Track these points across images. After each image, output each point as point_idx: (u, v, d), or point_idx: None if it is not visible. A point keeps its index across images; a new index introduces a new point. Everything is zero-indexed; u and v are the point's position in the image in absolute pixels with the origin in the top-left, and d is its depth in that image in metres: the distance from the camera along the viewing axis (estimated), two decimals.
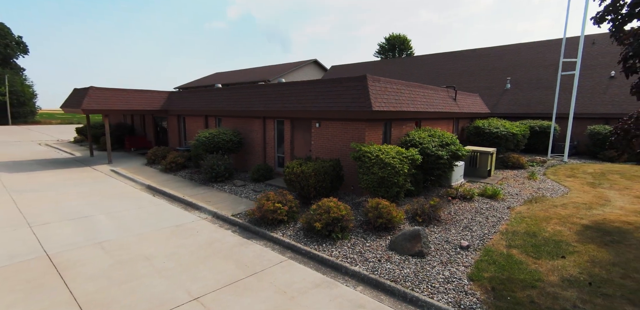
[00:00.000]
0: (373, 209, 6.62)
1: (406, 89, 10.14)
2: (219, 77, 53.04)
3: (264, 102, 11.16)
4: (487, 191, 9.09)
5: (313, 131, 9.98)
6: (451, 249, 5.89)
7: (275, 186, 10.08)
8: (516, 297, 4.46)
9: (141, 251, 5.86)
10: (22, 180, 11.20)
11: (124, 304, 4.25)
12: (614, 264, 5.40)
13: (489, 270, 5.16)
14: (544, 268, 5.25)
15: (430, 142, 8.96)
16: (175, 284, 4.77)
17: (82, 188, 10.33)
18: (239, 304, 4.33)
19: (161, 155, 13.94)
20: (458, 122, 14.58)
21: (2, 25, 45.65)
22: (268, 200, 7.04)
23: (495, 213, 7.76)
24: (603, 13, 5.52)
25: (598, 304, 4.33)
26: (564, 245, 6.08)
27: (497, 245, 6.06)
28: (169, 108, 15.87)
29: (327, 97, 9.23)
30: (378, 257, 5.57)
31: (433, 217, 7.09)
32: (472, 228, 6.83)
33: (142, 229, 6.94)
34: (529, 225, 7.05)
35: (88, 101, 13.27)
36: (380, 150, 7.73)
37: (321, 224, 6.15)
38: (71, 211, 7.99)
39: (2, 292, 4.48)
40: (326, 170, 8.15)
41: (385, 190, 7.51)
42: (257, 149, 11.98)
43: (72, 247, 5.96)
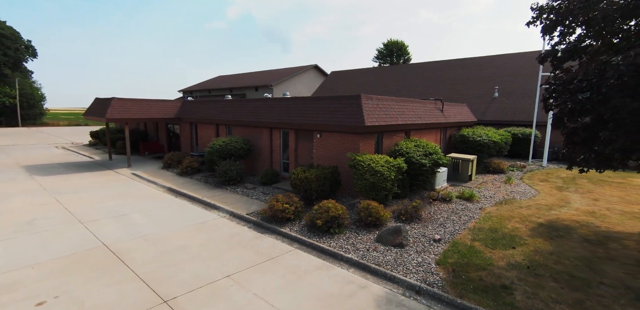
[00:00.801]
0: (364, 209, 8.08)
1: (396, 105, 11.60)
2: (222, 79, 54.48)
3: (271, 114, 12.61)
4: (464, 194, 10.55)
5: (315, 141, 11.44)
6: (426, 241, 7.35)
7: (281, 189, 11.54)
8: (469, 276, 5.92)
9: (177, 243, 7.31)
10: (57, 183, 12.64)
11: (177, 279, 5.70)
12: (552, 253, 6.86)
13: (452, 257, 6.61)
14: (496, 256, 6.71)
15: (415, 152, 10.42)
16: (210, 267, 6.22)
17: (111, 190, 11.78)
18: (260, 280, 5.79)
19: (176, 160, 15.38)
20: (445, 130, 16.03)
21: (12, 30, 47.05)
22: (277, 202, 8.49)
23: (468, 213, 9.23)
24: (545, 55, 6.97)
25: (530, 281, 5.79)
26: (517, 239, 7.54)
27: (464, 239, 7.52)
28: (182, 116, 17.31)
29: (327, 112, 10.69)
30: (367, 247, 7.03)
31: (415, 216, 8.55)
32: (446, 225, 8.29)
33: (173, 225, 8.40)
34: (493, 223, 8.52)
35: (111, 111, 14.71)
36: (372, 159, 9.19)
37: (322, 221, 7.61)
38: (110, 210, 9.44)
39: (82, 271, 5.93)
40: (326, 176, 9.61)
41: (376, 193, 8.97)
42: (264, 155, 13.44)
43: (121, 239, 7.41)
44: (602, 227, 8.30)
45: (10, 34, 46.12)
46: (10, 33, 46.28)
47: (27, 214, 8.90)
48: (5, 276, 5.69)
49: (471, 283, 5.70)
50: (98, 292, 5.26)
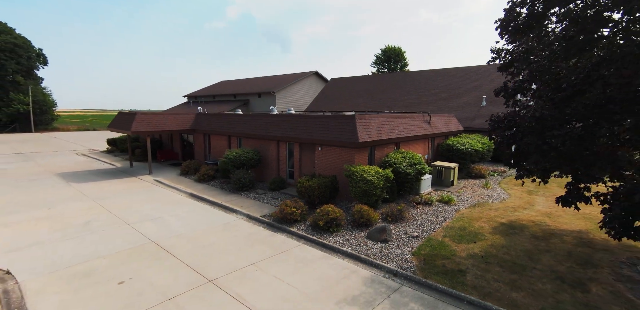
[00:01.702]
0: (357, 212, 9.95)
1: (386, 121, 13.48)
2: (226, 85, 56.39)
3: (279, 129, 14.49)
4: (444, 198, 12.42)
5: (316, 153, 13.31)
6: (406, 237, 9.22)
7: (288, 194, 13.41)
8: (435, 263, 7.78)
9: (208, 240, 9.19)
10: (92, 189, 14.54)
11: (214, 266, 7.58)
12: (504, 246, 8.72)
13: (425, 250, 8.48)
14: (459, 249, 8.58)
15: (402, 163, 12.28)
16: (237, 257, 8.09)
17: (141, 196, 13.67)
18: (276, 266, 7.65)
19: (193, 168, 17.27)
20: (433, 140, 17.89)
21: (24, 39, 49.03)
22: (286, 206, 10.36)
23: (444, 214, 11.10)
24: (498, 90, 8.83)
25: (481, 267, 7.65)
26: (480, 235, 9.40)
27: (437, 236, 9.38)
28: (196, 127, 19.19)
29: (327, 129, 12.57)
30: (358, 242, 8.90)
31: (399, 217, 10.41)
32: (424, 225, 10.16)
33: (201, 226, 10.27)
34: (464, 222, 10.38)
35: (136, 125, 16.61)
36: (364, 170, 11.05)
37: (323, 222, 9.49)
38: (146, 214, 11.33)
39: (142, 260, 7.81)
40: (326, 184, 11.49)
41: (367, 198, 10.84)
42: (272, 164, 15.32)
43: (163, 237, 9.29)
44: (552, 226, 10.16)
45: (22, 43, 48.11)
46: (22, 42, 48.27)
47: (81, 216, 10.80)
48: (86, 264, 7.57)
49: (436, 268, 7.56)
50: (159, 275, 7.14)
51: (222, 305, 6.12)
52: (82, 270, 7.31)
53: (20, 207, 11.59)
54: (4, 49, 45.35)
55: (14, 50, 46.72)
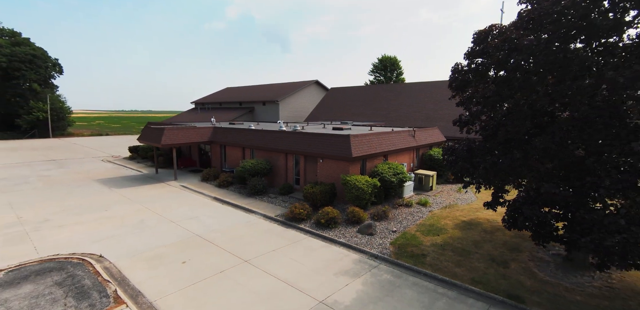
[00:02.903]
0: (350, 213, 12.90)
1: (375, 138, 16.43)
2: (231, 92, 59.38)
3: (286, 143, 17.45)
4: (421, 201, 15.37)
5: (318, 164, 16.26)
6: (387, 232, 12.16)
7: (295, 198, 16.36)
8: (406, 250, 10.73)
9: (237, 233, 12.14)
10: (133, 193, 17.49)
11: (246, 251, 10.53)
12: (459, 238, 11.67)
13: (400, 241, 11.42)
14: (426, 240, 11.52)
15: (387, 172, 15.23)
16: (260, 245, 11.04)
17: (174, 199, 16.61)
18: (291, 252, 10.60)
19: (213, 175, 20.24)
20: (418, 150, 20.83)
21: (42, 50, 52.06)
22: (295, 208, 13.31)
23: (419, 214, 14.05)
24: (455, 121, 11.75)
25: (438, 252, 10.59)
26: (444, 230, 12.35)
27: (410, 230, 12.33)
28: (214, 139, 22.15)
29: (327, 145, 15.52)
30: (351, 235, 11.85)
31: (383, 216, 13.36)
32: (403, 222, 13.11)
33: (229, 223, 13.22)
34: (433, 220, 13.33)
35: (164, 139, 19.57)
36: (356, 179, 13.99)
37: (324, 220, 12.44)
38: (183, 214, 14.28)
39: (193, 248, 10.76)
40: (326, 190, 14.44)
41: (359, 202, 13.79)
42: (281, 172, 18.27)
43: (203, 232, 12.24)
44: (500, 223, 13.08)
45: (40, 54, 51.12)
46: (40, 53, 51.29)
47: (135, 216, 13.77)
48: (154, 251, 10.53)
49: (406, 253, 10.52)
50: (209, 257, 10.10)
51: (257, 276, 9.07)
52: (153, 255, 10.28)
53: (84, 209, 14.56)
54: (24, 60, 48.38)
55: (32, 61, 49.74)
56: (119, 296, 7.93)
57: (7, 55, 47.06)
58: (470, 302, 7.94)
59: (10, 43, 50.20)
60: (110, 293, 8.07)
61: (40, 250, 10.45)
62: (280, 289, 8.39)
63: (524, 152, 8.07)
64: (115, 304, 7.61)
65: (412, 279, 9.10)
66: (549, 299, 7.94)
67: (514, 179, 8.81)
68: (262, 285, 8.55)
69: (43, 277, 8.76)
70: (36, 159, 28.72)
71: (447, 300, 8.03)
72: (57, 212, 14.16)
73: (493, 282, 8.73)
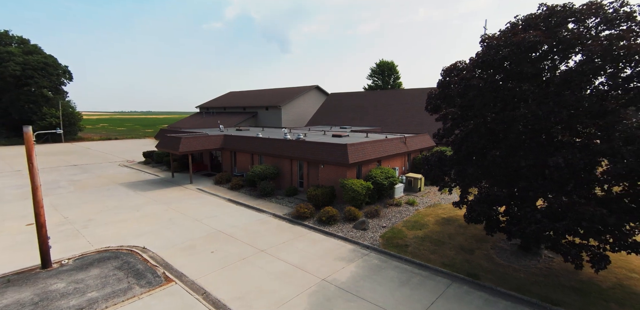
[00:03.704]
0: (347, 211, 15.26)
1: (370, 146, 18.78)
2: (234, 96, 61.70)
3: (291, 150, 19.79)
4: (410, 201, 17.72)
5: (320, 169, 18.61)
6: (378, 227, 14.51)
7: (299, 199, 18.70)
8: (393, 241, 13.08)
9: (252, 229, 14.49)
10: (156, 196, 19.84)
11: (261, 243, 12.89)
12: (438, 232, 14.02)
13: (388, 234, 13.77)
14: (410, 233, 13.88)
15: (379, 176, 17.57)
16: (272, 238, 13.39)
17: (193, 201, 18.96)
18: (298, 243, 12.95)
19: (225, 178, 22.59)
20: (410, 155, 23.18)
21: (53, 58, 54.41)
22: (301, 208, 15.66)
23: (406, 212, 16.40)
24: (434, 134, 14.07)
25: (419, 243, 12.95)
26: (426, 225, 14.70)
27: (398, 226, 14.68)
28: (224, 146, 24.50)
29: (327, 153, 17.86)
30: (347, 230, 14.20)
31: (375, 214, 15.70)
32: (392, 219, 15.46)
33: (244, 221, 15.56)
34: (418, 217, 15.68)
35: (182, 147, 21.93)
36: (352, 183, 16.33)
37: (325, 218, 14.79)
38: (204, 213, 16.62)
39: (217, 241, 13.12)
40: (327, 193, 16.79)
41: (354, 202, 16.13)
42: (287, 176, 20.61)
43: (224, 228, 14.59)
44: None
45: (52, 62, 53.48)
46: (52, 61, 53.65)
47: (164, 215, 16.12)
48: (187, 243, 12.89)
49: (392, 244, 12.87)
50: (232, 248, 12.45)
51: (272, 261, 11.42)
52: (186, 246, 12.64)
53: (121, 210, 16.92)
54: (36, 68, 50.73)
55: (45, 69, 52.10)
56: (167, 276, 10.30)
57: (20, 63, 49.41)
58: (438, 279, 10.31)
59: (22, 51, 52.57)
60: (160, 274, 10.43)
61: (93, 244, 12.82)
62: (290, 271, 10.75)
63: (481, 163, 10.41)
64: (166, 282, 9.97)
65: (395, 263, 11.46)
66: (499, 276, 10.30)
67: (475, 183, 11.15)
68: (277, 268, 10.91)
69: (104, 263, 11.13)
70: (59, 165, 31.09)
71: (421, 278, 10.39)
72: (98, 212, 16.53)
73: (458, 265, 11.09)
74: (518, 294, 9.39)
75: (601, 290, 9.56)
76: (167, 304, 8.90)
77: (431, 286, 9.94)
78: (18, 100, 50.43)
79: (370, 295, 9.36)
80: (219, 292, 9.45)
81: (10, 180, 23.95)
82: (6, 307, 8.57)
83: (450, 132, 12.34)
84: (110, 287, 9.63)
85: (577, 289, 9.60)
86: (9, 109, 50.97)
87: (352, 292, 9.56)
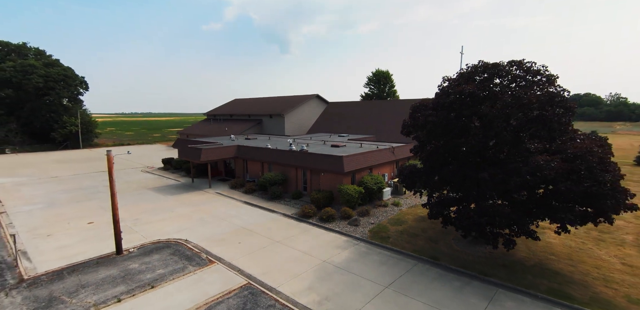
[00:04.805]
0: (343, 211, 19.02)
1: (362, 157, 22.53)
2: (239, 104, 65.48)
3: (296, 160, 23.54)
4: (395, 202, 21.47)
5: (320, 176, 22.35)
6: (367, 223, 18.25)
7: (304, 201, 22.44)
8: (378, 234, 16.82)
9: (267, 226, 18.23)
10: (183, 199, 23.59)
11: (276, 236, 16.63)
12: (414, 227, 17.77)
13: (375, 229, 17.51)
14: (392, 228, 17.63)
15: (370, 182, 21.30)
16: (284, 232, 17.13)
17: (215, 203, 22.71)
18: (303, 236, 16.69)
19: (239, 184, 26.35)
20: (398, 162, 26.91)
21: (71, 70, 58.27)
22: (305, 208, 19.41)
23: (392, 212, 20.14)
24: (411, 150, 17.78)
25: (398, 235, 16.70)
26: (405, 222, 18.44)
27: (383, 222, 18.42)
28: (238, 155, 28.26)
29: (326, 163, 21.61)
30: (343, 226, 17.95)
31: (366, 213, 19.44)
32: (379, 217, 19.20)
33: (260, 220, 19.31)
34: (400, 216, 19.42)
35: (203, 157, 25.69)
36: (347, 188, 20.06)
37: (325, 217, 18.55)
38: (227, 213, 20.37)
39: (242, 235, 16.87)
40: (327, 196, 20.55)
41: (349, 204, 19.88)
42: (292, 181, 24.36)
43: (245, 225, 18.34)
44: None
45: (70, 74, 57.36)
46: (70, 73, 57.53)
47: (195, 215, 19.88)
48: (218, 236, 16.65)
49: (378, 236, 16.61)
50: (254, 240, 16.20)
51: (286, 249, 15.16)
52: (218, 239, 16.38)
53: (158, 211, 20.69)
54: (58, 79, 54.61)
55: (64, 80, 55.99)
56: (210, 259, 14.05)
57: (43, 76, 53.27)
58: (408, 260, 14.05)
59: (43, 64, 56.42)
60: (204, 258, 14.18)
61: (146, 237, 16.58)
62: (300, 255, 14.49)
63: (440, 174, 14.15)
64: (209, 263, 13.72)
65: (378, 250, 15.20)
66: (453, 258, 14.04)
67: (437, 189, 14.88)
68: (290, 253, 14.66)
69: (161, 250, 14.89)
70: (88, 171, 34.89)
71: (396, 260, 14.14)
72: (141, 213, 20.31)
73: (425, 251, 14.83)
74: (463, 270, 13.14)
75: (524, 267, 13.30)
76: (214, 277, 12.65)
77: (403, 265, 13.69)
78: (39, 110, 54.24)
79: (358, 271, 13.11)
80: (250, 270, 13.20)
81: (54, 186, 27.75)
82: (103, 279, 12.34)
83: (420, 149, 16.07)
84: (171, 266, 13.39)
85: (507, 266, 13.34)
86: (31, 117, 54.79)
87: (345, 269, 13.30)
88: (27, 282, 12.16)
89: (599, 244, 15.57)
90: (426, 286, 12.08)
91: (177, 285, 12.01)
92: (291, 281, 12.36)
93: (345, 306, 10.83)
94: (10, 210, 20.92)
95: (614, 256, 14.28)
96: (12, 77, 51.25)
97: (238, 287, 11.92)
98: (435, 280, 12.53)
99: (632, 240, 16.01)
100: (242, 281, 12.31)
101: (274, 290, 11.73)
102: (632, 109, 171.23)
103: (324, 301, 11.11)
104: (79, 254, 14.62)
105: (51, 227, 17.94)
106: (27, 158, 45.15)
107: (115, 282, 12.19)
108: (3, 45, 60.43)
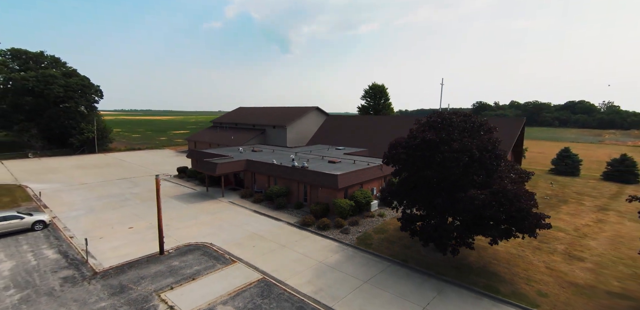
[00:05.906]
0: (337, 221, 23.29)
1: (354, 174, 26.82)
2: (244, 112, 69.72)
3: (299, 175, 27.82)
4: (381, 213, 25.76)
5: (319, 190, 26.61)
6: (356, 232, 22.53)
7: (304, 211, 26.68)
8: (364, 241, 21.10)
9: (274, 232, 22.48)
10: (201, 207, 27.79)
11: (283, 241, 20.89)
12: (394, 235, 22.04)
13: (362, 237, 21.78)
14: (376, 236, 21.90)
15: (359, 196, 25.57)
16: (289, 238, 21.38)
17: (229, 211, 26.94)
18: (304, 242, 20.95)
19: (249, 194, 30.60)
20: (386, 178, 31.19)
21: (88, 80, 62.36)
22: (306, 218, 23.67)
23: (377, 222, 24.40)
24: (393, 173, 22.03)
25: (380, 242, 21.00)
26: (387, 231, 22.73)
27: (369, 231, 22.70)
28: (247, 168, 32.51)
29: (323, 180, 25.88)
30: (336, 234, 22.21)
31: (356, 223, 23.70)
32: (366, 227, 23.48)
33: (269, 226, 23.55)
34: (383, 225, 23.70)
35: (218, 170, 29.93)
36: (340, 201, 24.32)
37: (322, 226, 22.83)
38: (241, 221, 24.61)
39: (255, 240, 21.12)
40: (324, 208, 24.83)
41: (341, 215, 24.15)
42: (295, 194, 28.62)
43: (256, 231, 22.58)
44: None
45: (87, 84, 61.47)
46: (87, 83, 61.63)
47: (214, 222, 24.10)
48: (235, 241, 20.89)
49: (364, 243, 20.88)
50: (265, 243, 20.45)
51: (290, 252, 19.41)
52: (236, 243, 20.61)
53: (183, 218, 24.92)
54: (77, 89, 58.73)
55: (82, 90, 60.09)
56: (232, 259, 18.28)
57: (63, 86, 57.38)
58: (384, 262, 18.33)
59: (61, 74, 60.49)
60: (228, 258, 18.42)
61: (179, 240, 20.79)
62: (302, 257, 18.75)
63: (412, 196, 18.42)
64: (232, 262, 17.95)
65: (362, 254, 19.47)
66: (419, 261, 18.31)
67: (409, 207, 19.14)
68: (294, 255, 18.91)
69: (193, 252, 19.12)
70: (109, 178, 39.05)
71: (374, 262, 18.41)
72: (170, 220, 24.51)
73: (398, 255, 19.10)
74: (425, 270, 17.44)
75: (471, 269, 17.60)
76: (237, 273, 16.89)
77: (379, 266, 17.96)
78: (58, 117, 58.32)
79: (345, 270, 17.37)
80: (263, 267, 17.45)
81: (87, 193, 31.94)
82: (155, 273, 16.57)
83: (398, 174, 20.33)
84: (203, 264, 17.63)
85: (457, 268, 17.64)
86: (51, 124, 58.84)
87: (336, 268, 17.57)
88: (100, 275, 16.39)
89: (535, 251, 19.88)
90: (395, 282, 16.36)
91: (211, 278, 16.26)
92: (295, 276, 16.61)
93: (334, 295, 15.09)
94: (60, 216, 25.12)
95: (542, 261, 18.60)
96: (34, 87, 55.35)
97: (256, 280, 16.17)
98: (402, 277, 16.81)
99: (562, 249, 20.34)
100: (259, 276, 16.56)
101: (283, 283, 15.98)
102: (624, 117, 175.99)
103: (319, 291, 15.37)
104: (129, 253, 18.83)
105: (99, 231, 22.16)
106: (49, 163, 49.28)
107: (164, 275, 16.43)
108: (22, 53, 64.55)
